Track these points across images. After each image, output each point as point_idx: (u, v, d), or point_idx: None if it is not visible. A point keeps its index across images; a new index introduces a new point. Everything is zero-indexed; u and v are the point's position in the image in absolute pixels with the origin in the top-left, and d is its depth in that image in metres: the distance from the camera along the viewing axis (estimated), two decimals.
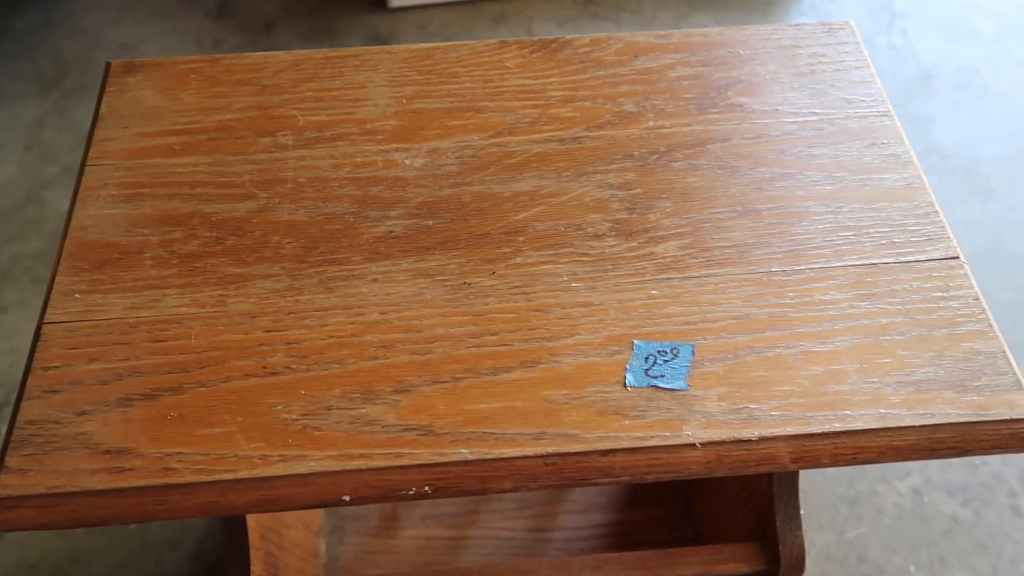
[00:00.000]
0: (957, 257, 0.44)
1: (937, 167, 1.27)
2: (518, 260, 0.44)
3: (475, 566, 0.64)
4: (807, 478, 0.99)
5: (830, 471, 1.00)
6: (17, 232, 1.20)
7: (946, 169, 1.27)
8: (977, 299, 0.42)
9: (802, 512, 0.95)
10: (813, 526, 0.96)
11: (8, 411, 1.01)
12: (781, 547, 0.63)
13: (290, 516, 0.76)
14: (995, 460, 1.00)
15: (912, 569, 0.93)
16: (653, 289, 0.43)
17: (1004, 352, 0.41)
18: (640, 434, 0.38)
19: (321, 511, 0.90)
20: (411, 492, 0.38)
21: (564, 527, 0.90)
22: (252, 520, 0.63)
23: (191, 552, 0.95)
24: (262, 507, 0.37)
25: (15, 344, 1.07)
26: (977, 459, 1.00)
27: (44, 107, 1.39)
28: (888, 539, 0.95)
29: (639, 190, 0.47)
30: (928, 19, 1.48)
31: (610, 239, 0.45)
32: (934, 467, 1.00)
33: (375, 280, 0.43)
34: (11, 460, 0.37)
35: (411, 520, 0.92)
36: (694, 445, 0.38)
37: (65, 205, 1.27)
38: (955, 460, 1.00)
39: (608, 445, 0.38)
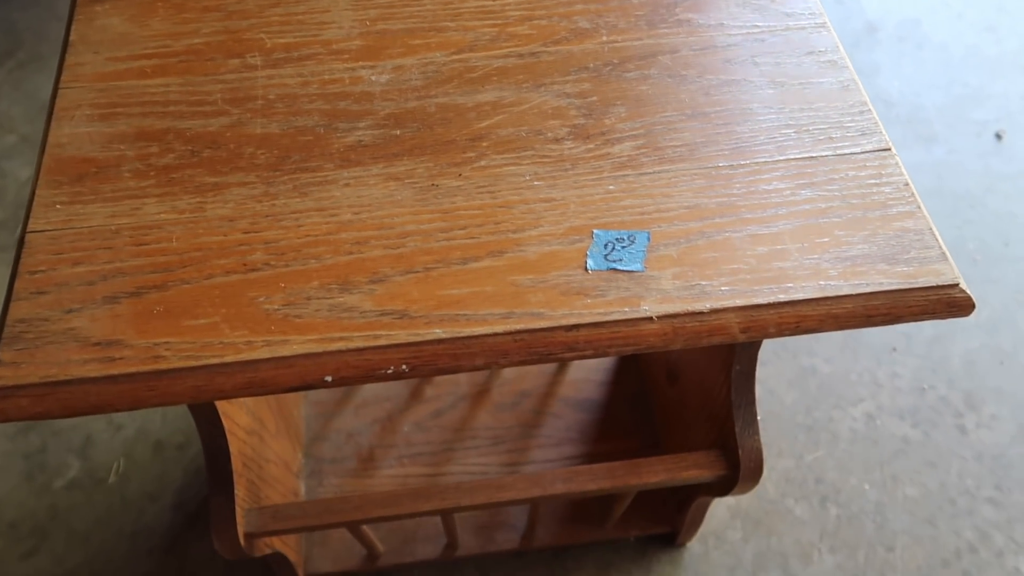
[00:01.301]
0: (888, 149, 0.47)
1: (883, 114, 1.32)
2: (483, 163, 0.47)
3: (452, 484, 0.67)
4: (766, 408, 1.04)
5: (788, 399, 1.04)
6: None
7: (891, 116, 1.32)
8: (907, 185, 0.46)
9: (762, 439, 0.99)
10: (773, 452, 1.01)
11: None
12: (740, 451, 0.67)
13: (270, 452, 0.78)
14: (942, 384, 1.05)
15: (866, 487, 0.98)
16: (610, 185, 0.46)
17: (931, 229, 0.44)
18: (601, 311, 0.41)
19: (299, 454, 0.92)
20: (389, 371, 0.40)
21: (537, 460, 0.94)
22: (234, 447, 0.65)
23: (171, 504, 0.96)
24: (249, 389, 0.39)
25: None
26: (925, 383, 1.05)
27: None
28: (844, 461, 1.00)
29: (595, 98, 0.50)
30: None
31: (568, 142, 0.48)
32: (885, 393, 1.05)
33: (347, 184, 0.46)
34: (3, 354, 0.39)
35: (388, 461, 0.94)
36: (651, 319, 0.41)
37: (26, 173, 1.26)
38: (904, 385, 1.05)
39: (572, 321, 0.41)
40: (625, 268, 0.43)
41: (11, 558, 0.92)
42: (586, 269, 0.43)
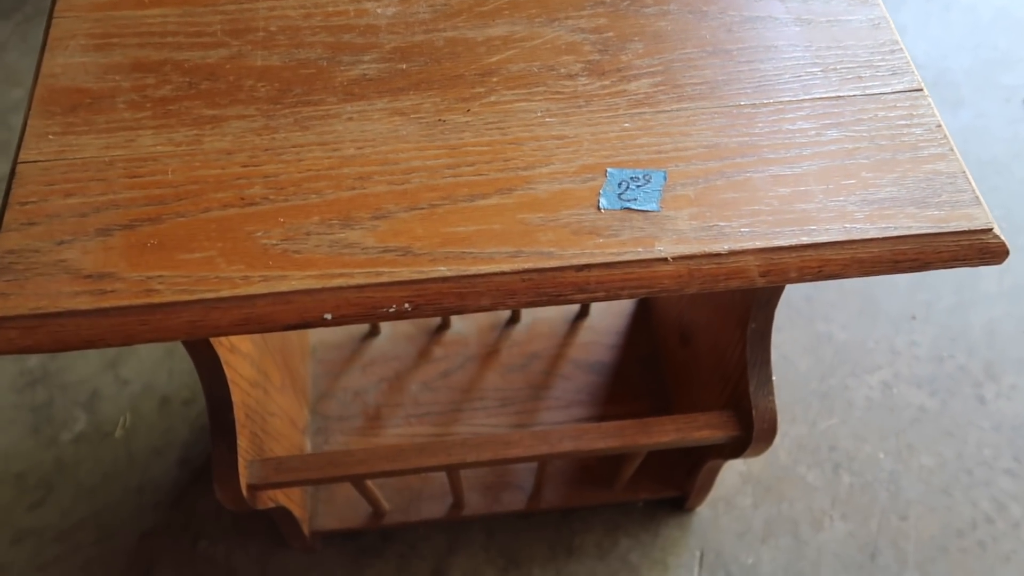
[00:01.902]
0: (920, 89, 0.45)
1: None
2: (492, 99, 0.44)
3: (459, 439, 0.66)
4: (780, 374, 1.02)
5: (802, 366, 1.02)
6: None
7: None
8: (939, 126, 0.44)
9: (776, 403, 0.97)
10: (787, 418, 0.99)
11: None
12: (754, 412, 0.65)
13: (274, 406, 0.77)
14: (962, 353, 1.03)
15: (881, 456, 0.96)
16: (626, 123, 0.44)
17: (964, 172, 0.42)
18: (614, 251, 0.39)
19: (305, 411, 0.91)
20: (391, 310, 0.38)
21: (545, 422, 0.92)
22: (237, 398, 0.64)
23: (177, 459, 0.96)
24: (245, 326, 0.38)
25: None
26: (944, 353, 1.03)
27: (5, 32, 1.36)
28: (858, 429, 0.98)
29: (611, 34, 0.47)
30: None
31: (583, 79, 0.45)
32: (903, 361, 1.03)
33: (350, 119, 0.44)
34: None
35: (395, 420, 0.93)
36: (666, 260, 0.39)
37: None
38: (923, 353, 1.03)
39: (583, 261, 0.39)
40: (639, 208, 0.41)
41: (18, 509, 0.93)
42: (598, 208, 0.41)
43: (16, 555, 0.90)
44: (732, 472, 0.95)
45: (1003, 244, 0.40)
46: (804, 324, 1.06)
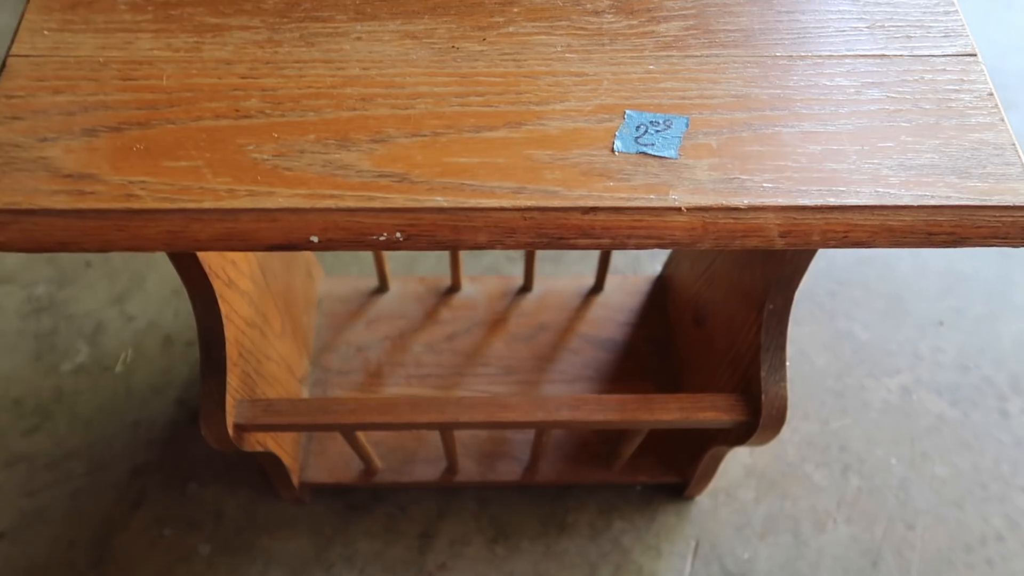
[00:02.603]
0: (974, 55, 0.42)
1: None
2: (511, 29, 0.42)
3: (454, 398, 0.64)
4: (795, 369, 0.98)
5: (819, 362, 0.99)
6: None
7: None
8: (991, 95, 0.40)
9: (788, 397, 0.94)
10: (798, 414, 0.95)
11: None
12: (763, 397, 0.63)
13: (272, 351, 0.75)
14: (988, 364, 0.99)
15: (893, 461, 0.93)
16: (651, 64, 0.41)
17: (1013, 145, 0.39)
18: (624, 195, 0.37)
19: (305, 361, 0.89)
20: (382, 238, 0.36)
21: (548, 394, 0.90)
22: (231, 334, 0.62)
23: (175, 398, 0.95)
24: (227, 242, 0.36)
25: None
26: (970, 362, 0.99)
27: None
28: (871, 432, 0.95)
29: None
30: None
31: (609, 15, 0.42)
32: (925, 367, 0.99)
33: (359, 38, 0.41)
34: None
35: (395, 379, 0.91)
36: (680, 209, 0.36)
37: None
38: (947, 361, 0.99)
39: (590, 203, 0.36)
40: (656, 153, 0.38)
41: (13, 433, 0.92)
42: (612, 151, 0.38)
43: (7, 479, 0.89)
44: (736, 464, 0.92)
45: None
46: (826, 320, 1.02)
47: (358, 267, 1.05)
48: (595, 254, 1.05)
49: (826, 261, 1.06)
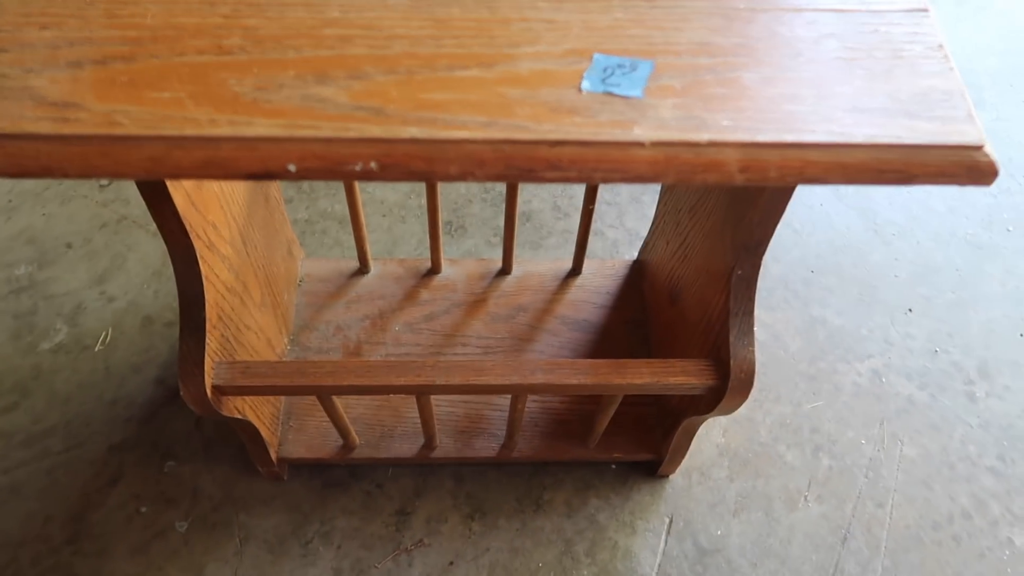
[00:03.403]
0: (925, 10, 0.44)
1: None
2: None
3: (430, 361, 0.65)
4: (769, 352, 1.00)
5: (793, 347, 1.01)
6: None
7: None
8: (940, 46, 0.42)
9: (760, 383, 0.96)
10: (771, 397, 0.97)
11: None
12: (732, 361, 0.64)
13: (251, 320, 0.76)
14: (957, 350, 1.01)
15: (863, 442, 0.95)
16: (619, 13, 0.43)
17: (961, 91, 0.41)
18: (591, 130, 0.38)
19: (285, 338, 0.90)
20: (358, 168, 0.37)
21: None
22: (210, 297, 0.63)
23: (154, 378, 0.95)
24: (208, 169, 0.37)
25: None
26: (938, 347, 1.01)
27: None
28: (843, 414, 0.97)
29: None
30: None
31: None
32: (896, 352, 1.01)
33: None
34: None
35: (374, 356, 0.92)
36: (643, 144, 0.38)
37: None
38: (917, 346, 1.01)
39: (558, 137, 0.38)
40: (622, 93, 0.39)
41: None
42: (580, 90, 0.40)
43: None
44: (710, 444, 0.94)
45: (993, 163, 0.39)
46: (800, 307, 1.04)
47: (339, 249, 1.06)
48: (573, 238, 1.07)
49: (800, 250, 1.09)
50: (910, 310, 1.05)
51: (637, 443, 0.87)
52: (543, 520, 0.88)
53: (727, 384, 0.65)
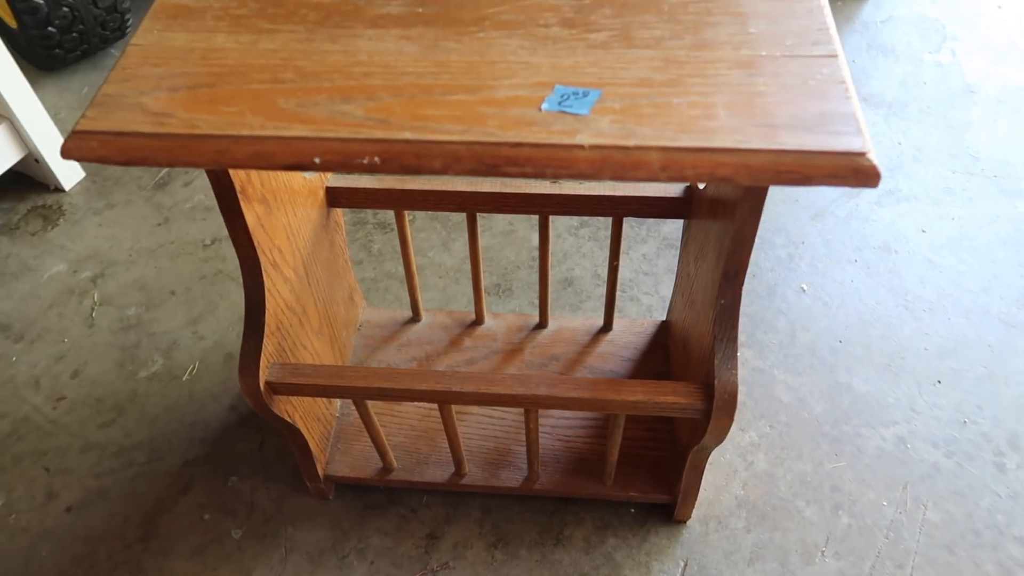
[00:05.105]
0: (835, 56, 0.53)
1: (967, 166, 1.32)
2: (481, 35, 0.56)
3: (448, 372, 0.75)
4: (793, 413, 1.04)
5: (817, 409, 1.04)
6: None
7: (975, 169, 1.32)
8: (843, 82, 0.52)
9: (783, 441, 1.00)
10: (792, 455, 1.01)
11: None
12: (716, 382, 0.71)
13: (308, 342, 0.88)
14: (986, 421, 1.02)
15: (884, 503, 0.96)
16: (580, 58, 0.54)
17: (854, 114, 0.50)
18: (543, 136, 0.49)
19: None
20: (365, 161, 0.50)
21: (552, 416, 0.99)
22: (270, 307, 0.76)
23: (228, 405, 1.08)
24: (255, 160, 0.50)
25: None
26: (967, 418, 1.02)
27: None
28: (864, 475, 0.98)
29: (587, 2, 0.59)
30: (978, 41, 1.55)
31: (555, 28, 0.57)
32: (922, 420, 1.03)
33: (370, 39, 0.57)
34: (89, 112, 0.52)
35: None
36: (583, 147, 0.49)
37: None
38: (944, 416, 1.03)
39: (518, 140, 0.49)
40: (573, 111, 0.51)
41: (92, 425, 1.07)
42: (540, 109, 0.51)
43: (81, 462, 1.03)
44: (729, 495, 0.97)
45: (875, 167, 0.47)
46: (826, 372, 1.08)
47: (399, 304, 1.19)
48: (602, 300, 1.15)
49: (829, 321, 1.14)
50: (939, 382, 1.07)
51: (652, 483, 0.92)
52: (562, 554, 0.93)
53: (712, 405, 0.71)
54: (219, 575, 0.93)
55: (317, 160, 0.50)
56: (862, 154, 0.47)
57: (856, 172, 0.47)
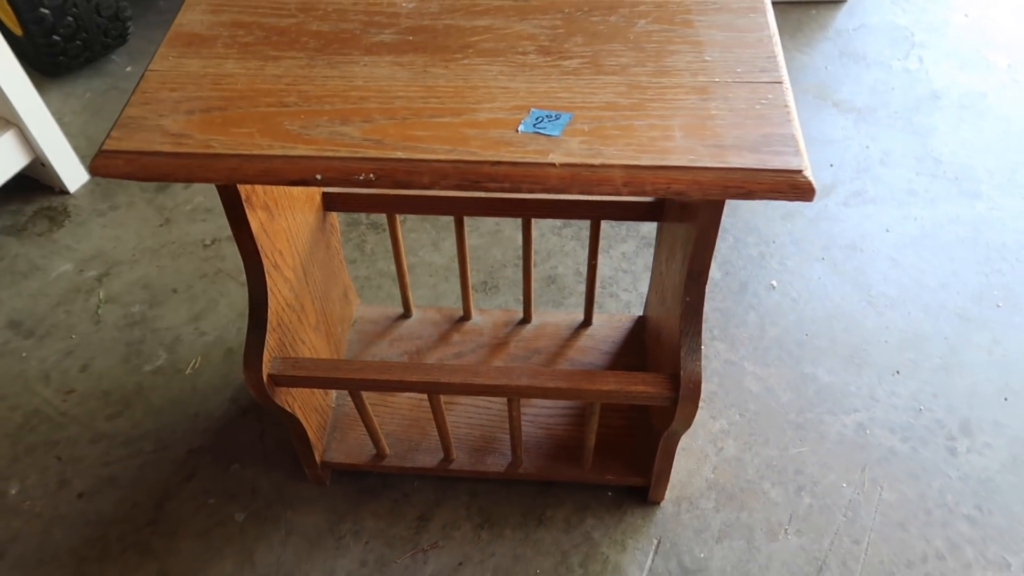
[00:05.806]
0: (781, 82, 0.60)
1: (930, 169, 1.39)
2: (465, 62, 0.63)
3: (436, 365, 0.81)
4: (761, 403, 1.11)
5: (784, 398, 1.11)
6: None
7: (938, 172, 1.39)
8: (786, 107, 0.58)
9: (751, 429, 1.07)
10: (760, 440, 1.08)
11: None
12: (682, 373, 0.78)
13: (306, 337, 0.94)
14: (940, 408, 1.09)
15: (844, 485, 1.03)
16: (554, 83, 0.61)
17: (795, 136, 0.56)
18: (519, 155, 0.56)
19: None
20: (361, 177, 0.56)
21: (535, 405, 1.06)
22: (273, 304, 0.82)
23: (230, 397, 1.15)
24: (264, 176, 0.56)
25: None
26: (922, 405, 1.10)
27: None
28: (826, 459, 1.06)
29: (562, 31, 0.65)
30: (945, 50, 1.62)
31: (532, 55, 0.63)
32: (881, 407, 1.10)
33: (365, 65, 0.63)
34: (115, 133, 0.58)
35: None
36: (555, 165, 0.55)
37: None
38: (901, 404, 1.10)
39: (497, 159, 0.56)
40: (546, 133, 0.57)
41: (100, 417, 1.13)
42: (517, 130, 0.57)
43: (91, 451, 1.09)
44: (700, 478, 1.04)
45: (810, 183, 0.54)
46: (793, 364, 1.15)
47: (391, 301, 1.25)
48: (583, 296, 1.22)
49: (796, 315, 1.21)
50: (898, 372, 1.14)
51: (628, 467, 0.99)
52: (544, 533, 1.00)
53: (679, 394, 0.78)
54: (223, 555, 0.99)
55: (319, 177, 0.56)
56: (799, 171, 0.54)
57: (794, 187, 0.54)
